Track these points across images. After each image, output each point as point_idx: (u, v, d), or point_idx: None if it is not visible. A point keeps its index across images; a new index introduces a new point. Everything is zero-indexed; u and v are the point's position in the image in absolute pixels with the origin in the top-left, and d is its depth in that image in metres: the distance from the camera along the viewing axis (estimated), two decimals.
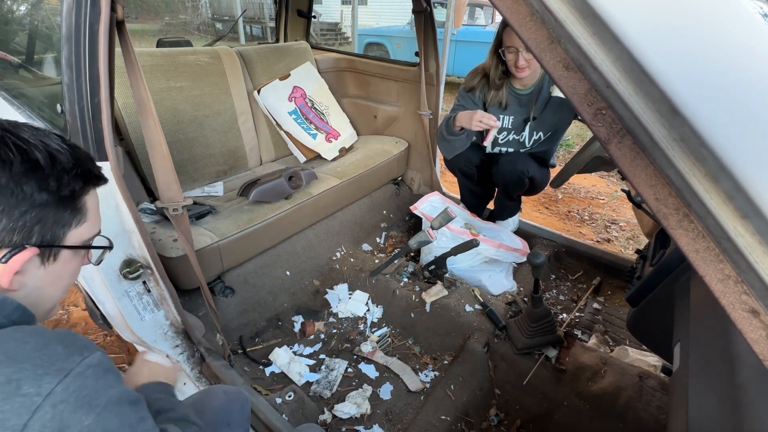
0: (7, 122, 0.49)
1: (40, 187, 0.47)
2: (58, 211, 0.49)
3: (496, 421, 1.31)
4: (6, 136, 0.46)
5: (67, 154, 0.50)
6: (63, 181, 0.49)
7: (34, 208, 0.47)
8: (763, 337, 0.39)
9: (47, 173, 0.47)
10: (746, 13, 0.44)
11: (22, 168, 0.46)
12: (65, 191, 0.49)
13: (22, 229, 0.47)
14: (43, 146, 0.48)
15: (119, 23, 0.93)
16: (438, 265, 1.75)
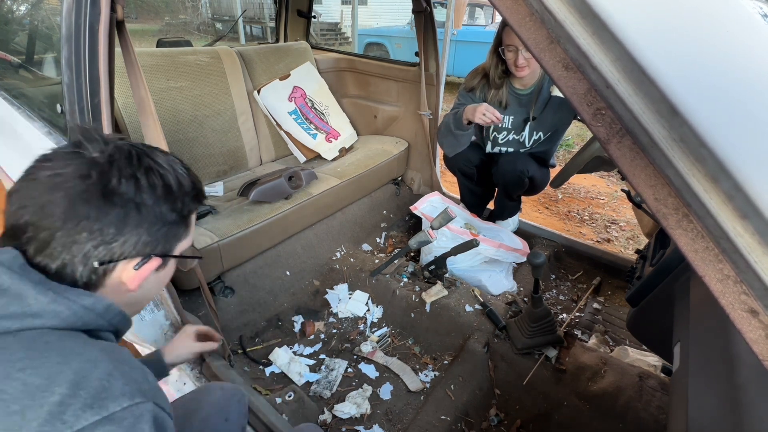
0: (144, 146, 0.57)
1: (172, 208, 0.55)
2: (178, 227, 0.58)
3: (496, 421, 1.31)
4: (152, 164, 0.54)
5: (187, 179, 0.59)
6: (185, 202, 0.58)
7: (165, 225, 0.55)
8: (762, 337, 0.39)
9: (177, 196, 0.56)
10: (746, 13, 0.44)
11: (162, 192, 0.54)
12: (185, 211, 0.58)
13: (153, 242, 0.55)
14: (174, 172, 0.56)
15: (119, 23, 0.93)
16: (438, 265, 1.75)
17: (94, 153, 0.51)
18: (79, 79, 0.91)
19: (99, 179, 0.49)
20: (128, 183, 0.51)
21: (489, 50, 1.66)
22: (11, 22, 1.80)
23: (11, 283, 0.46)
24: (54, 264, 0.49)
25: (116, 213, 0.50)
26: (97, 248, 0.50)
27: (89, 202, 0.49)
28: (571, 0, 0.42)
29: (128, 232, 0.51)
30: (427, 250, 1.84)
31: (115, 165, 0.51)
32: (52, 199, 0.48)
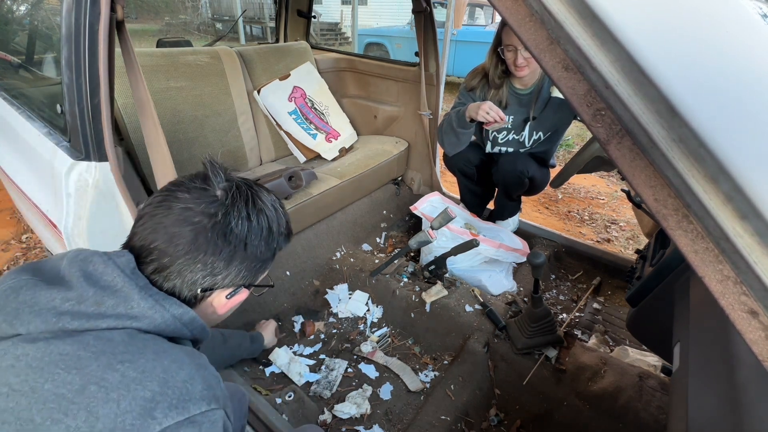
0: (253, 184, 0.63)
1: (269, 247, 0.62)
2: (268, 263, 0.64)
3: (496, 421, 1.31)
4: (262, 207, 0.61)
5: (283, 220, 0.65)
6: (279, 242, 0.64)
7: (260, 262, 0.62)
8: (762, 338, 0.39)
9: (275, 237, 0.62)
10: (745, 13, 0.44)
11: (266, 233, 0.60)
12: (278, 249, 0.64)
13: (248, 276, 0.61)
14: (276, 214, 0.63)
15: (119, 23, 0.93)
16: (438, 265, 1.75)
17: (218, 191, 0.58)
18: (79, 79, 0.91)
19: (222, 219, 0.56)
20: (243, 224, 0.58)
21: (488, 50, 1.66)
22: (11, 22, 1.80)
23: (123, 284, 0.51)
24: (165, 284, 0.56)
25: (228, 250, 0.57)
26: (205, 278, 0.57)
27: (210, 239, 0.55)
28: (571, 1, 0.42)
29: (233, 267, 0.58)
30: (427, 250, 1.84)
31: (235, 206, 0.58)
32: (182, 232, 0.54)
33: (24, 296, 0.49)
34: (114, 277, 0.51)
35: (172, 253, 0.54)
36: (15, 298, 0.49)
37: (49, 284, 0.51)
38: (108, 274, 0.52)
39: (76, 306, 0.49)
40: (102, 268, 0.52)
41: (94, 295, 0.50)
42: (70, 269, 0.52)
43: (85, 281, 0.51)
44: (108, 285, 0.51)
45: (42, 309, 0.48)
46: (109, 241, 1.04)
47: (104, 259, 0.53)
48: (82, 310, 0.49)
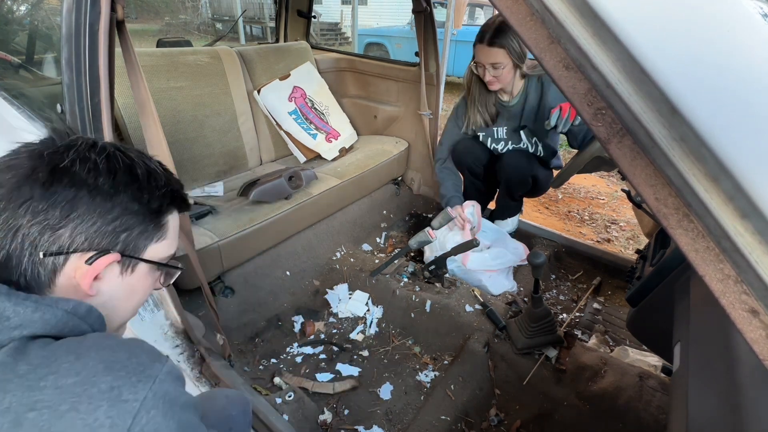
0: (121, 144, 0.53)
1: (134, 197, 0.50)
2: (144, 222, 0.52)
3: (496, 421, 1.31)
4: (117, 152, 0.50)
5: (162, 175, 0.54)
6: (154, 195, 0.52)
7: (125, 215, 0.49)
8: (762, 337, 0.39)
9: (143, 186, 0.51)
10: (746, 13, 0.44)
11: (124, 178, 0.49)
12: (154, 204, 0.52)
13: (111, 234, 0.49)
14: (144, 164, 0.52)
15: (119, 23, 0.93)
16: (438, 265, 1.75)
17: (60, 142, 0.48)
18: (79, 79, 0.91)
19: (50, 159, 0.46)
20: (82, 164, 0.46)
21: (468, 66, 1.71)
22: (11, 22, 1.80)
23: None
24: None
25: (64, 194, 0.45)
26: (43, 235, 0.45)
27: (35, 180, 0.45)
28: (572, 0, 0.42)
29: (78, 217, 0.46)
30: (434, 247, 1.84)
31: (73, 149, 0.47)
32: (1, 180, 0.45)
33: None
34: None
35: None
36: None
37: None
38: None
39: None
40: None
41: None
42: None
43: None
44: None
45: None
46: None
47: None
48: None
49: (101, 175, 0.47)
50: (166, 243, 0.56)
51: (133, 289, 0.54)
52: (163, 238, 0.55)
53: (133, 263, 0.52)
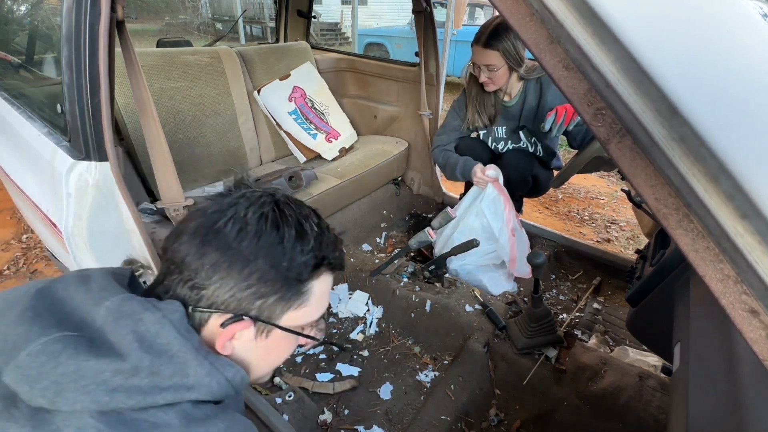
0: (284, 197, 0.53)
1: (272, 263, 0.48)
2: (281, 290, 0.50)
3: (496, 421, 1.31)
4: (272, 212, 0.49)
5: (312, 237, 0.51)
6: (294, 262, 0.49)
7: (261, 282, 0.48)
8: (762, 337, 0.39)
9: (285, 251, 0.49)
10: (746, 13, 0.44)
11: (268, 241, 0.48)
12: (293, 273, 0.50)
13: (246, 300, 0.48)
14: (298, 224, 0.50)
15: (119, 23, 0.93)
16: (438, 265, 1.75)
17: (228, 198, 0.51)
18: (79, 79, 0.91)
19: (210, 218, 0.48)
20: (234, 225, 0.48)
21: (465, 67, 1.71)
22: (11, 22, 1.80)
23: (179, 348, 0.43)
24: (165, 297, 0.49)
25: (211, 256, 0.47)
26: (192, 291, 0.48)
27: (194, 239, 0.48)
28: (572, 0, 0.42)
29: (218, 280, 0.47)
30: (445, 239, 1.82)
31: (235, 206, 0.49)
32: (179, 237, 0.49)
33: (66, 366, 0.39)
34: (170, 339, 0.43)
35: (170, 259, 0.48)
36: (54, 368, 0.39)
37: (93, 349, 0.41)
38: (162, 336, 0.43)
39: (129, 379, 0.40)
40: (155, 327, 0.43)
41: (150, 364, 0.41)
42: (118, 329, 0.43)
43: (139, 347, 0.42)
44: (163, 350, 0.43)
45: (90, 384, 0.39)
46: (109, 240, 1.04)
47: (156, 316, 0.44)
48: (135, 384, 0.40)
49: (246, 238, 0.47)
50: (306, 310, 0.53)
51: (269, 351, 0.54)
52: (303, 305, 0.52)
53: (268, 328, 0.51)
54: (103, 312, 0.44)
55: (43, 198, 1.19)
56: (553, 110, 1.48)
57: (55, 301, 0.45)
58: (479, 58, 1.57)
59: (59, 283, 0.47)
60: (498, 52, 1.53)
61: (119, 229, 1.03)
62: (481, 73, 1.60)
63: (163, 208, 1.11)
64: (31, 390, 0.39)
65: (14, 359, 0.40)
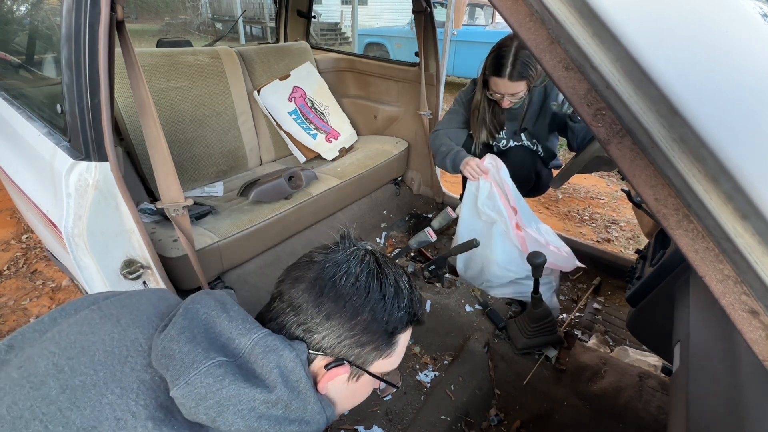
0: (382, 256, 0.59)
1: (376, 317, 0.54)
2: (378, 340, 0.56)
3: (496, 421, 1.31)
4: (377, 269, 0.56)
5: (406, 294, 0.58)
6: (393, 316, 0.56)
7: (364, 333, 0.54)
8: (762, 338, 0.39)
9: (387, 306, 0.55)
10: (746, 13, 0.44)
11: (374, 296, 0.54)
12: (390, 327, 0.56)
13: (348, 347, 0.54)
14: (395, 282, 0.57)
15: (119, 23, 0.93)
16: (438, 265, 1.75)
17: (339, 252, 0.57)
18: (79, 79, 0.91)
19: (327, 270, 0.54)
20: (346, 280, 0.54)
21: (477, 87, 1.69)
22: (11, 22, 1.80)
23: (304, 386, 0.49)
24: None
25: (327, 305, 0.53)
26: (306, 333, 0.53)
27: (313, 289, 0.53)
28: (572, 0, 0.42)
29: (329, 327, 0.53)
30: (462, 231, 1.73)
31: (347, 262, 0.55)
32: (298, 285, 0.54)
33: (228, 390, 0.45)
34: (300, 377, 0.49)
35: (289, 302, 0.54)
36: (218, 390, 0.44)
37: (246, 378, 0.46)
38: (296, 374, 0.49)
39: (270, 409, 0.46)
40: (292, 365, 0.49)
41: (287, 398, 0.47)
42: (266, 362, 0.48)
43: (282, 382, 0.47)
44: (294, 386, 0.48)
45: (245, 410, 0.45)
46: (109, 240, 1.04)
47: (293, 354, 0.50)
48: (274, 414, 0.46)
49: (357, 292, 0.54)
50: (391, 360, 0.59)
51: (355, 393, 0.59)
52: (390, 355, 0.58)
53: (359, 373, 0.57)
54: (251, 344, 0.49)
55: (43, 198, 1.19)
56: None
57: (202, 323, 0.50)
58: (504, 89, 1.54)
59: (199, 306, 0.53)
60: (525, 80, 1.50)
61: (119, 229, 1.03)
62: (505, 99, 1.58)
63: (163, 208, 1.11)
64: (196, 407, 0.44)
65: (185, 377, 0.44)
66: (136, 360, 0.48)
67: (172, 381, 0.45)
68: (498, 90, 1.56)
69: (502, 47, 1.50)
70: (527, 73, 1.48)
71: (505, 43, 1.50)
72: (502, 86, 1.53)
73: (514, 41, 1.48)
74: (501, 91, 1.56)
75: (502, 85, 1.53)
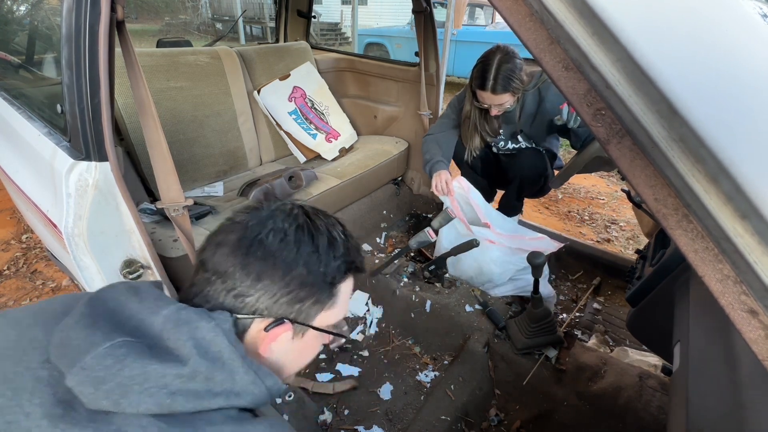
0: (311, 209, 0.57)
1: (311, 270, 0.53)
2: (317, 293, 0.54)
3: (496, 421, 1.31)
4: (306, 222, 0.54)
5: (341, 243, 0.56)
6: (329, 267, 0.54)
7: (301, 287, 0.52)
8: (761, 337, 0.39)
9: (321, 258, 0.53)
10: (746, 13, 0.44)
11: (306, 249, 0.52)
12: (328, 277, 0.54)
13: (286, 304, 0.52)
14: (327, 233, 0.55)
15: (119, 23, 0.93)
16: (438, 265, 1.75)
17: (263, 210, 0.54)
18: (79, 79, 0.91)
19: (250, 229, 0.52)
20: (273, 236, 0.52)
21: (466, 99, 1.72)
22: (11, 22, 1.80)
23: (229, 356, 0.46)
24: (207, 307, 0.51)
25: (256, 265, 0.50)
26: (237, 299, 0.51)
27: (238, 251, 0.51)
28: (571, 0, 0.42)
29: (262, 288, 0.51)
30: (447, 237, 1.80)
31: (272, 219, 0.53)
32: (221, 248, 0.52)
33: (131, 369, 0.42)
34: (222, 347, 0.46)
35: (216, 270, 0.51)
36: (120, 371, 0.41)
37: (155, 354, 0.44)
38: (216, 344, 0.46)
39: (187, 383, 0.43)
40: (210, 335, 0.46)
41: (206, 370, 0.44)
42: (178, 336, 0.45)
43: (198, 353, 0.44)
44: (216, 357, 0.45)
45: (153, 387, 0.42)
46: (109, 240, 1.04)
47: (211, 324, 0.47)
48: (193, 388, 0.43)
49: (287, 247, 0.51)
50: (335, 311, 0.58)
51: (302, 351, 0.58)
52: (333, 306, 0.57)
53: (303, 330, 0.55)
54: (161, 320, 0.46)
55: (43, 198, 1.19)
56: (564, 103, 1.49)
57: (108, 309, 0.47)
58: (490, 101, 1.58)
59: (107, 293, 0.50)
60: (509, 92, 1.53)
61: (119, 229, 1.03)
62: (493, 109, 1.61)
63: (163, 208, 1.11)
64: (95, 392, 0.41)
65: (79, 362, 0.41)
66: (32, 358, 0.45)
67: (66, 370, 0.42)
68: (484, 101, 1.61)
69: (485, 61, 1.53)
70: (510, 86, 1.52)
71: (488, 57, 1.53)
72: (488, 98, 1.58)
73: (497, 54, 1.51)
74: (487, 103, 1.60)
75: (487, 97, 1.57)
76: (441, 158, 1.76)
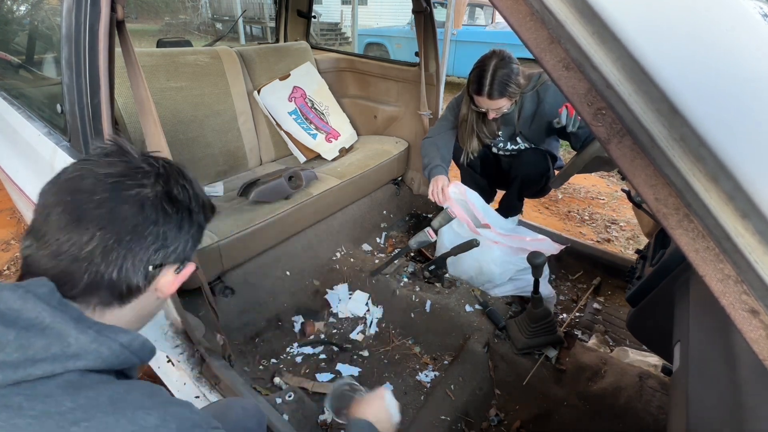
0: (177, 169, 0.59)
1: (205, 216, 0.60)
2: (201, 236, 0.60)
3: (496, 421, 1.31)
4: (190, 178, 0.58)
5: (202, 190, 0.61)
6: (207, 213, 0.61)
7: (200, 232, 0.59)
8: (762, 337, 0.39)
9: (205, 206, 0.60)
10: (746, 13, 0.44)
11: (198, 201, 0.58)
12: (207, 222, 0.61)
13: (192, 248, 0.58)
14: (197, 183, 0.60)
15: (119, 23, 0.93)
16: (438, 265, 1.75)
17: (143, 163, 0.53)
18: (79, 79, 0.91)
19: (165, 186, 0.53)
20: (184, 192, 0.55)
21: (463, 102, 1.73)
22: (11, 22, 1.80)
23: (52, 320, 0.43)
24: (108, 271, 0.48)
25: (177, 217, 0.54)
26: (157, 252, 0.52)
27: (158, 207, 0.52)
28: (572, 0, 0.42)
29: (183, 235, 0.55)
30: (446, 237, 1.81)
31: (173, 176, 0.55)
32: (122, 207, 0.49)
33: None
34: (38, 312, 0.43)
35: (116, 232, 0.48)
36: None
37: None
38: (28, 310, 0.43)
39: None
40: (18, 303, 0.43)
41: (16, 338, 0.41)
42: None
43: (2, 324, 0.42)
44: (32, 323, 0.42)
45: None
46: None
47: (18, 293, 0.44)
48: (5, 360, 0.40)
49: (192, 200, 0.56)
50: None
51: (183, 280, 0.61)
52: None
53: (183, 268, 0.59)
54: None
55: None
56: (563, 107, 1.49)
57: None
58: (486, 105, 1.59)
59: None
60: (505, 97, 1.54)
61: None
62: (490, 112, 1.62)
63: None
64: None
65: None
66: None
67: None
68: (481, 106, 1.61)
69: (481, 66, 1.53)
70: (506, 91, 1.52)
71: (484, 62, 1.53)
72: (484, 103, 1.58)
73: (493, 59, 1.51)
74: (484, 107, 1.61)
75: (484, 102, 1.57)
76: (439, 162, 1.77)
